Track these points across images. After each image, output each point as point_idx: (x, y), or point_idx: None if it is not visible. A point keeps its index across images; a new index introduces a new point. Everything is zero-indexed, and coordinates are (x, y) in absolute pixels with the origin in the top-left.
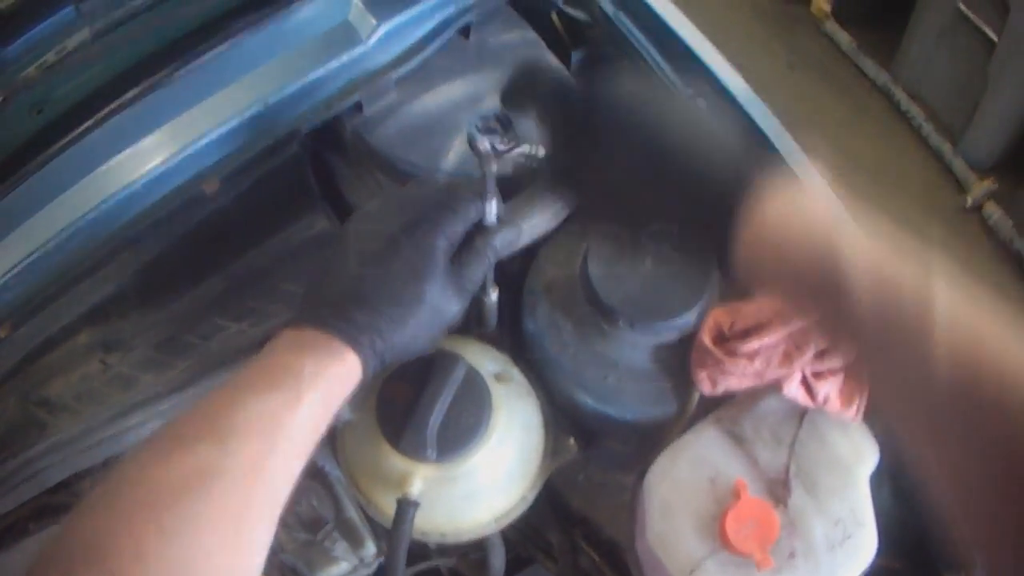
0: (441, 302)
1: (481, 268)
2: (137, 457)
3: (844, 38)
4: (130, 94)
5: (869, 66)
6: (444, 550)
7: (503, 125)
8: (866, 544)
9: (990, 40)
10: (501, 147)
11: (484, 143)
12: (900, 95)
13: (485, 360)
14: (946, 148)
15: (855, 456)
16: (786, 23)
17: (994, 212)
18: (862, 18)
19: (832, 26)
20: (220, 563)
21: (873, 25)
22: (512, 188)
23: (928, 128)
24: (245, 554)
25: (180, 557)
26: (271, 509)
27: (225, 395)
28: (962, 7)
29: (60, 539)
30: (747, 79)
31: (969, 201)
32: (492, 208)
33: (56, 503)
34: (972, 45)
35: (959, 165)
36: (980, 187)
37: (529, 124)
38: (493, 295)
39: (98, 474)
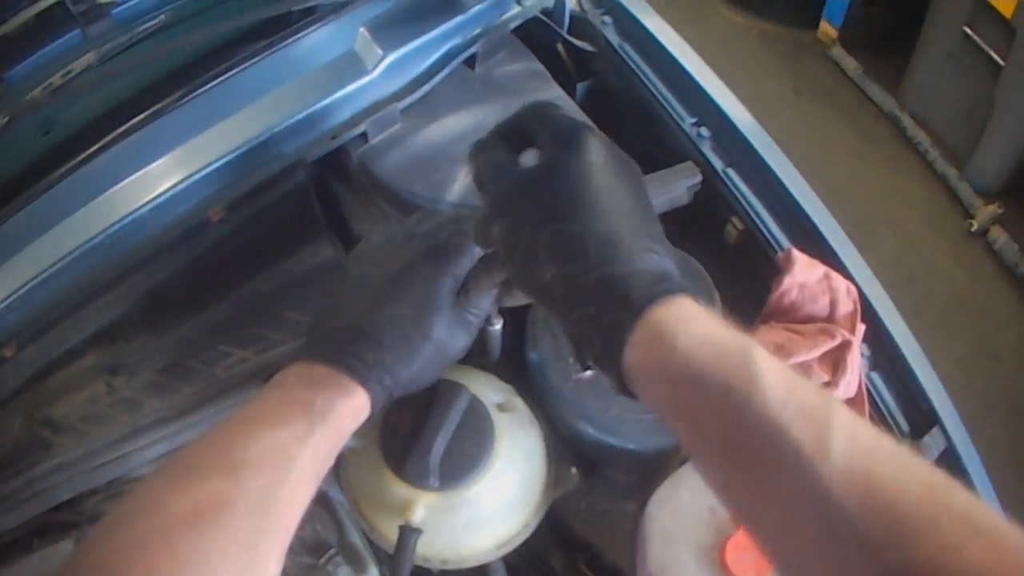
0: (447, 338)
1: (487, 303)
2: (150, 485)
3: (850, 64)
4: (137, 119)
5: (875, 91)
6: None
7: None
8: None
9: (996, 64)
10: None
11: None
12: (906, 120)
13: (488, 389)
14: (952, 173)
15: None
16: (792, 49)
17: (999, 237)
18: (868, 44)
19: (838, 52)
20: None
21: (879, 51)
22: None
23: (934, 153)
24: None
25: None
26: (281, 539)
27: (237, 427)
28: (968, 31)
29: (73, 564)
30: (753, 105)
31: (975, 226)
32: None
33: (60, 520)
34: (978, 69)
35: (965, 190)
36: (985, 212)
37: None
38: (497, 325)
39: (103, 494)
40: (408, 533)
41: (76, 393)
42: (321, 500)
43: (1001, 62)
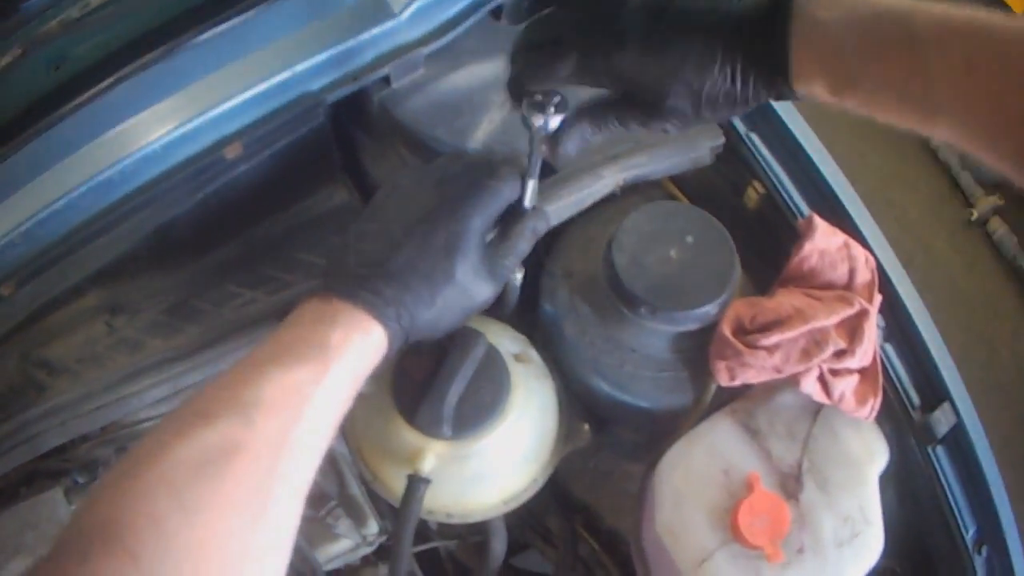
0: (472, 285)
1: (517, 256)
2: (158, 433)
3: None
4: (153, 54)
5: None
6: (445, 531)
7: (558, 105)
8: (873, 543)
9: None
10: (554, 126)
11: (539, 120)
12: None
13: (504, 339)
14: (954, 161)
15: (867, 455)
16: None
17: (999, 228)
18: None
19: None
20: (244, 541)
21: None
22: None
23: (937, 141)
24: (270, 532)
25: (201, 536)
26: (297, 486)
27: (249, 368)
28: None
29: (78, 518)
30: None
31: (974, 215)
32: (531, 190)
33: (49, 468)
34: None
35: (966, 179)
36: (986, 202)
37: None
38: (518, 276)
39: (95, 440)
40: (417, 483)
41: (74, 333)
42: None
43: None
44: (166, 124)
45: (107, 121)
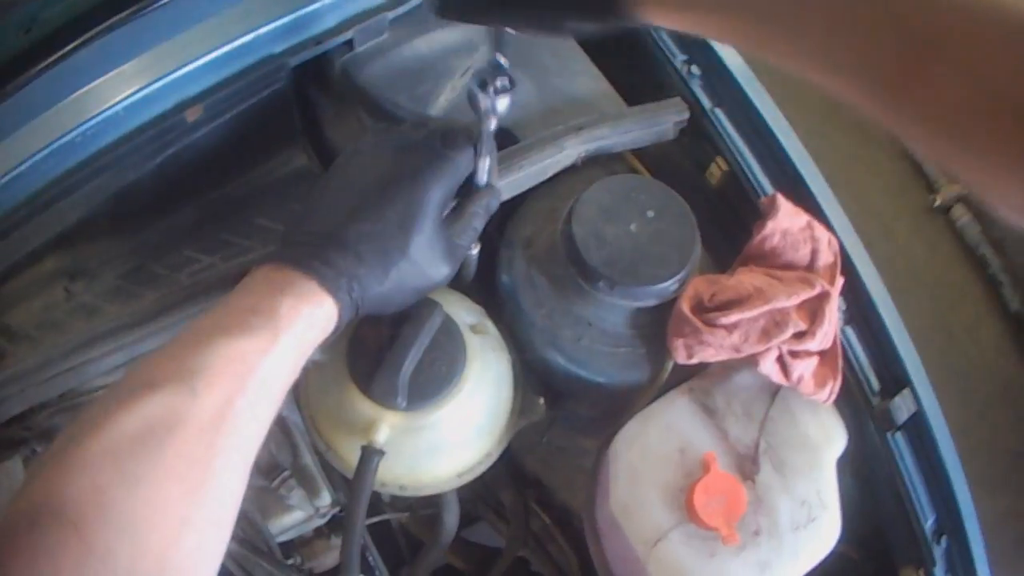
0: (427, 261)
1: (471, 233)
2: (104, 402)
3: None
4: (119, 16)
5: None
6: (396, 504)
7: (504, 82)
8: (830, 528)
9: None
10: (502, 106)
11: (486, 100)
12: None
13: (461, 310)
14: None
15: (824, 438)
16: None
17: (963, 215)
18: None
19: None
20: (185, 512)
21: None
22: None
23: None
24: (212, 503)
25: (142, 506)
26: (241, 457)
27: (196, 336)
28: None
29: (26, 488)
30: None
31: (937, 201)
32: (485, 167)
33: (8, 436)
34: None
35: (930, 164)
36: (951, 189)
37: (524, 84)
38: (474, 250)
39: (53, 407)
40: (371, 454)
41: (33, 299)
42: (275, 420)
43: None
44: (129, 86)
45: (71, 84)
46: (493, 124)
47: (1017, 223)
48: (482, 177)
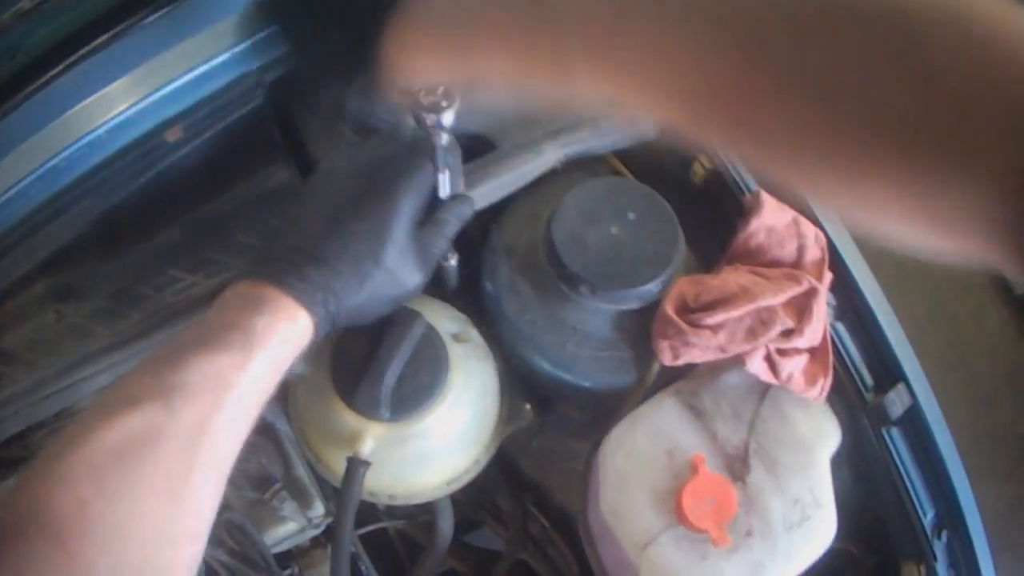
0: (400, 270)
1: (444, 241)
2: (84, 419)
3: None
4: (99, 40)
5: None
6: (393, 512)
7: (448, 95)
8: (825, 526)
9: None
10: (447, 120)
11: (429, 116)
12: None
13: (443, 319)
14: None
15: (816, 436)
16: None
17: None
18: None
19: None
20: (163, 525)
21: None
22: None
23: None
24: (188, 517)
25: (122, 520)
26: (216, 472)
27: (174, 352)
28: None
29: (11, 500)
30: None
31: None
32: (446, 180)
33: (8, 456)
34: None
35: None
36: None
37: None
38: (452, 260)
39: (50, 427)
40: (356, 465)
41: (24, 322)
42: (267, 432)
43: None
44: (111, 109)
45: (56, 108)
46: (444, 139)
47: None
48: (443, 190)
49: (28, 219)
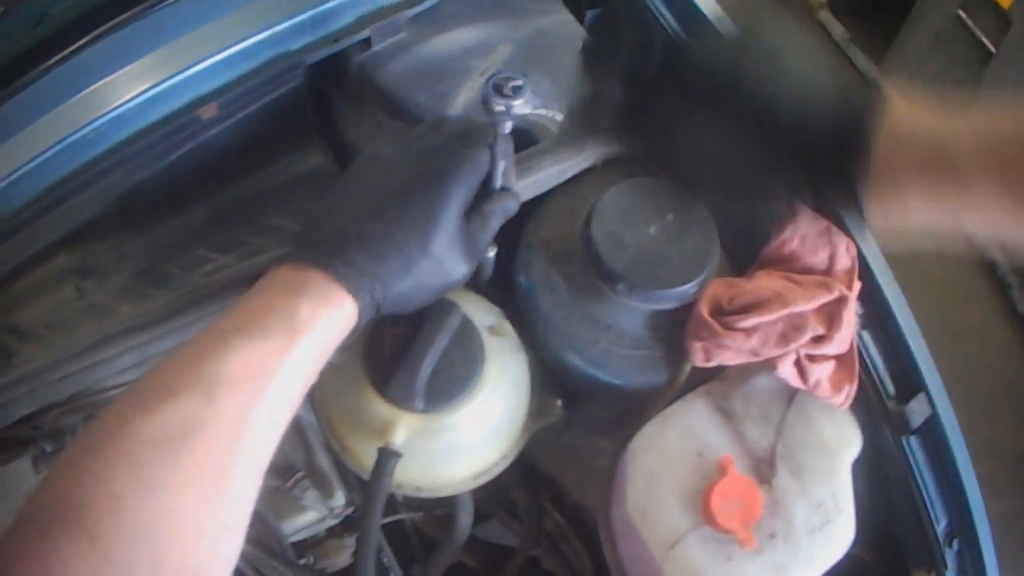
0: (447, 260)
1: (490, 232)
2: (119, 407)
3: (837, 29)
4: (131, 12)
5: (860, 59)
6: (410, 503)
7: (518, 86)
8: (845, 531)
9: (987, 51)
10: (516, 109)
11: (499, 104)
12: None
13: (479, 311)
14: None
15: (840, 442)
16: (778, 8)
17: None
18: (857, 11)
19: (826, 15)
20: (201, 520)
21: (868, 19)
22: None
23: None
24: (228, 510)
25: (159, 514)
26: (257, 463)
27: (213, 339)
28: (962, 14)
29: (38, 494)
30: None
31: None
32: (501, 170)
33: (17, 436)
34: (967, 54)
35: None
36: None
37: (544, 85)
38: (491, 253)
39: (62, 408)
40: (387, 456)
41: (43, 298)
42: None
43: (992, 49)
44: (141, 83)
45: (82, 80)
46: (508, 127)
47: None
48: (498, 180)
49: (49, 192)
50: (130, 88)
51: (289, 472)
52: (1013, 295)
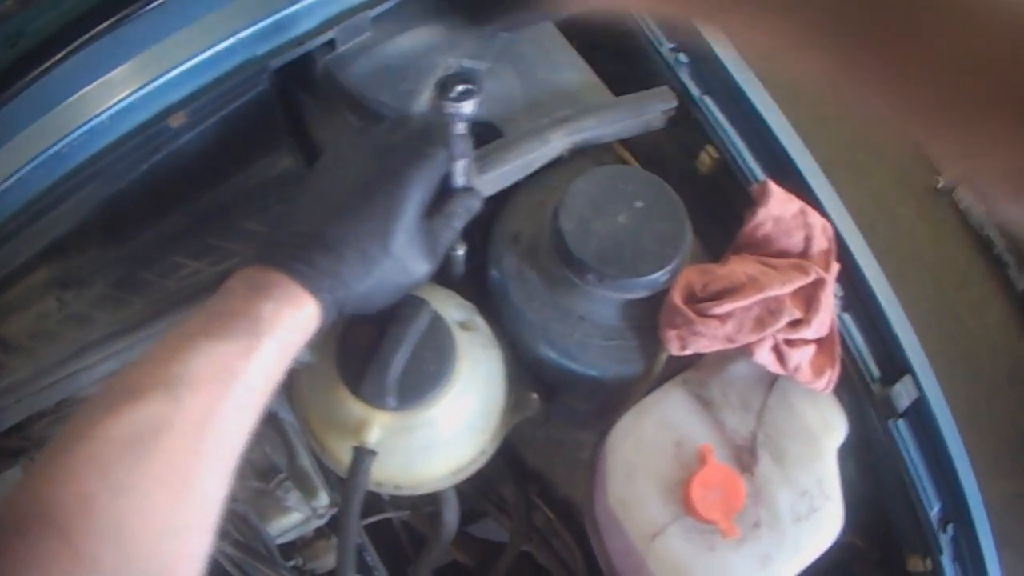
0: (408, 259)
1: (452, 231)
2: (89, 410)
3: None
4: (101, 26)
5: None
6: (397, 502)
7: (467, 89)
8: (832, 518)
9: None
10: (466, 110)
11: (449, 106)
12: None
13: (450, 307)
14: None
15: (824, 427)
16: None
17: (966, 196)
18: None
19: None
20: (168, 519)
21: None
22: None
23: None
24: (195, 509)
25: (128, 513)
26: (223, 462)
27: (179, 341)
28: None
29: (16, 494)
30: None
31: (941, 182)
32: (460, 169)
33: (7, 446)
34: None
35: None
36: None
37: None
38: (460, 251)
39: (51, 416)
40: (362, 455)
41: (26, 310)
42: (271, 422)
43: None
44: (113, 95)
45: (58, 95)
46: (461, 128)
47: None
48: (457, 179)
49: (30, 206)
50: (102, 101)
51: (271, 474)
52: (1010, 273)
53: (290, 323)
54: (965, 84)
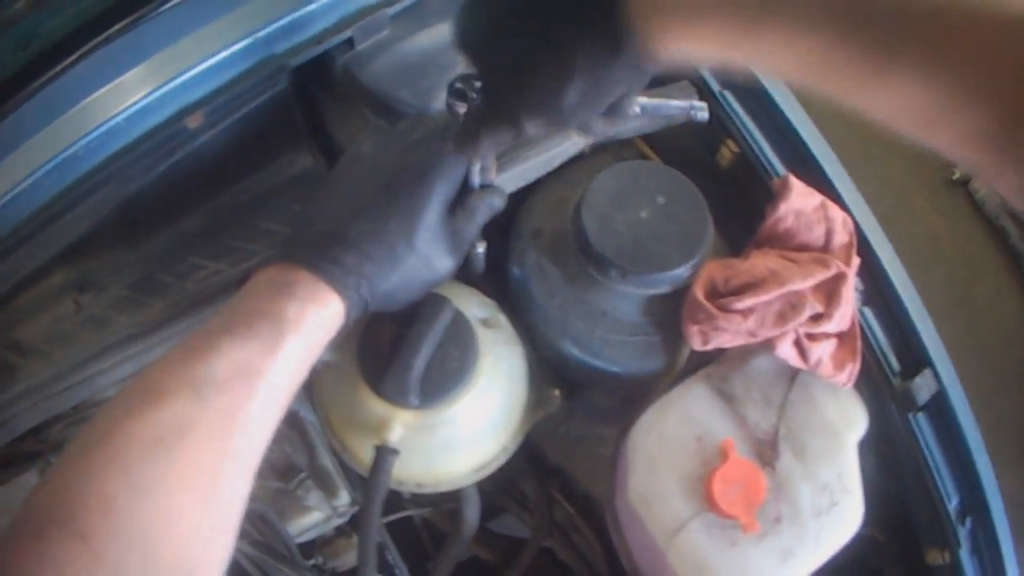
0: (433, 255)
1: (475, 227)
2: (110, 410)
3: None
4: (117, 27)
5: None
6: (418, 499)
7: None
8: (852, 512)
9: None
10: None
11: (461, 107)
12: None
13: (472, 304)
14: None
15: (844, 422)
16: None
17: (982, 188)
18: None
19: None
20: (194, 520)
21: None
22: None
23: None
24: (219, 511)
25: (150, 515)
26: (248, 463)
27: (202, 341)
28: None
29: (33, 497)
30: None
31: (956, 173)
32: (476, 169)
33: (24, 450)
34: None
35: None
36: None
37: None
38: (480, 248)
39: (67, 420)
40: (385, 454)
41: (43, 313)
42: (291, 421)
43: None
44: (129, 97)
45: (72, 97)
46: None
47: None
48: (474, 180)
49: (46, 209)
50: (118, 102)
51: (292, 473)
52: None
53: (315, 321)
54: None
